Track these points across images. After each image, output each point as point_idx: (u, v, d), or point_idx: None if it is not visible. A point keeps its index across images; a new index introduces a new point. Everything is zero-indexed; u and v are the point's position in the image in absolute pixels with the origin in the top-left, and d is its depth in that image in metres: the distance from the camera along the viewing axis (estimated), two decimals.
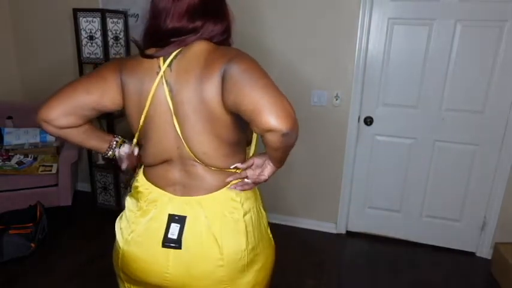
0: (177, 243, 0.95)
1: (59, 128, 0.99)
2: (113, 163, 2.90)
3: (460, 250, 2.59)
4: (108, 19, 2.60)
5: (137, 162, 1.10)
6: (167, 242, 0.95)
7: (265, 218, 1.11)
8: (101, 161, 2.96)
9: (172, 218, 0.96)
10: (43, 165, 2.71)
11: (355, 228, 2.80)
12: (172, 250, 0.96)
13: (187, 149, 0.95)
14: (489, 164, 2.41)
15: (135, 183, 1.08)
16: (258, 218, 1.07)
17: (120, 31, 2.72)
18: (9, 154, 2.72)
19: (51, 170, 2.70)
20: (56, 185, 2.70)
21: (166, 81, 0.92)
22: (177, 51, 0.91)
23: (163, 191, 1.00)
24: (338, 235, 2.79)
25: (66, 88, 0.98)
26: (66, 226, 2.78)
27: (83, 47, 2.67)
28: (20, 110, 3.05)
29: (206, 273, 0.97)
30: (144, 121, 0.97)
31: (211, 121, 0.91)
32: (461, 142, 2.43)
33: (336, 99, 2.55)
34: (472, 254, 2.57)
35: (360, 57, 2.45)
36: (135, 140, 1.06)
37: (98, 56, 2.66)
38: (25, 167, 2.67)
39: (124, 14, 2.75)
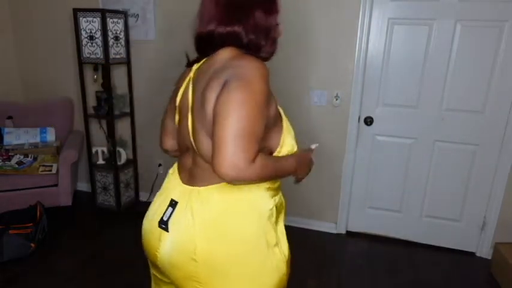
0: (165, 225, 1.00)
1: None
2: (112, 163, 2.90)
3: (460, 250, 2.60)
4: (108, 19, 2.60)
5: None
6: (160, 223, 1.02)
7: (273, 237, 1.03)
8: (101, 161, 2.96)
9: (171, 202, 1.02)
10: (43, 165, 2.71)
11: (355, 228, 2.80)
12: (163, 232, 1.01)
13: (193, 143, 0.99)
14: (489, 164, 2.41)
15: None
16: (258, 232, 1.00)
17: (120, 31, 2.72)
18: (9, 154, 2.72)
19: (51, 170, 2.70)
20: (56, 185, 2.70)
21: (193, 81, 1.02)
22: (208, 57, 1.01)
23: (178, 176, 1.08)
24: (338, 235, 2.79)
25: (161, 129, 1.19)
26: (66, 226, 2.78)
27: (83, 47, 2.67)
28: (20, 110, 3.06)
29: (180, 262, 0.98)
30: (179, 114, 1.08)
31: (207, 125, 0.93)
32: (461, 142, 2.43)
33: (336, 99, 2.55)
34: (472, 254, 2.57)
35: (360, 57, 2.45)
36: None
37: (98, 56, 2.66)
38: (25, 167, 2.67)
39: (124, 14, 2.75)
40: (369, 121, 2.55)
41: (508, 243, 2.38)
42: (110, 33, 2.63)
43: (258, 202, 1.01)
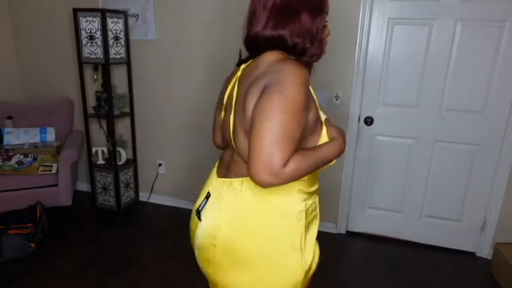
0: (199, 215, 1.09)
1: None
2: (112, 163, 2.90)
3: (460, 250, 2.60)
4: (108, 19, 2.60)
5: None
6: (196, 213, 1.11)
7: (298, 241, 1.02)
8: (101, 161, 2.96)
9: (207, 194, 1.10)
10: (43, 165, 2.71)
11: (355, 228, 2.80)
12: (198, 220, 1.08)
13: (233, 141, 1.03)
14: (489, 164, 2.41)
15: None
16: (282, 232, 1.01)
17: (120, 31, 2.72)
18: (9, 154, 2.72)
19: (51, 170, 2.70)
20: (56, 185, 2.70)
21: (239, 81, 1.05)
22: (254, 58, 1.02)
23: (216, 171, 1.13)
24: (338, 235, 2.79)
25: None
26: (66, 226, 2.78)
27: (83, 47, 2.67)
28: (20, 110, 3.06)
29: (203, 246, 1.05)
30: (224, 113, 1.12)
31: (246, 127, 0.94)
32: (461, 142, 2.43)
33: (336, 99, 2.55)
34: (472, 254, 2.57)
35: (360, 57, 2.45)
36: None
37: (98, 56, 2.66)
38: (25, 167, 2.67)
39: (124, 14, 2.75)
40: (369, 121, 2.55)
41: (508, 244, 2.38)
42: (109, 33, 2.63)
43: (287, 203, 1.02)
